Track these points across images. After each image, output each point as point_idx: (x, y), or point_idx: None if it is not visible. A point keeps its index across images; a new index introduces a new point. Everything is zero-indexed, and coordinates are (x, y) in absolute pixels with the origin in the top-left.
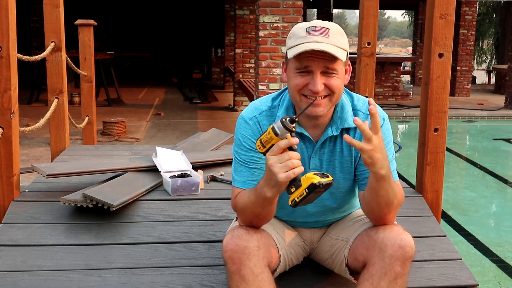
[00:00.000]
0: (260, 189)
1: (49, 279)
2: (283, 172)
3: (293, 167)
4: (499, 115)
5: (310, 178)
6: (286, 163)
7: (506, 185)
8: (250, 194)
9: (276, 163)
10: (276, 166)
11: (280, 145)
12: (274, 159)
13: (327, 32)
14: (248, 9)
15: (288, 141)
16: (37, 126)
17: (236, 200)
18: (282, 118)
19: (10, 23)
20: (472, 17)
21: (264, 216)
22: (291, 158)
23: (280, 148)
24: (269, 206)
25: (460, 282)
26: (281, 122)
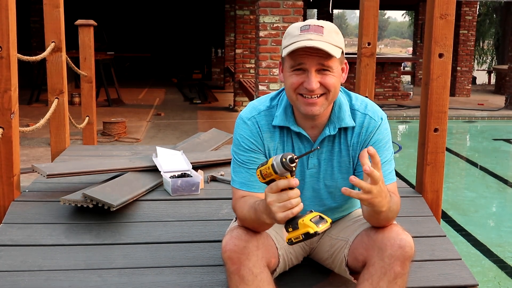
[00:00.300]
0: (260, 214)
1: (49, 279)
2: (281, 212)
3: (291, 208)
4: (499, 115)
5: (307, 225)
6: (284, 204)
7: (506, 186)
8: (250, 210)
9: (275, 202)
10: (274, 205)
11: (279, 185)
12: (273, 197)
13: (321, 30)
14: (248, 9)
15: (287, 182)
16: (37, 126)
17: (236, 205)
18: (282, 158)
19: (10, 23)
20: (473, 17)
21: (260, 230)
22: (290, 198)
23: (279, 188)
24: (266, 228)
25: (460, 282)
26: (281, 162)
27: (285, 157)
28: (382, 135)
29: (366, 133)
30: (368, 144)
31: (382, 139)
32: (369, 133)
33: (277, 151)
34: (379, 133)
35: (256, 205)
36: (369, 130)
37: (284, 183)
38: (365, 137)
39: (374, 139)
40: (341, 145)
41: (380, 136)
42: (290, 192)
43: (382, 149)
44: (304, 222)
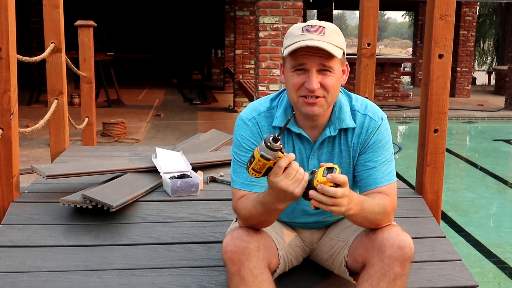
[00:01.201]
0: (270, 204)
1: (49, 280)
2: (296, 187)
3: (302, 177)
4: (499, 116)
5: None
6: (295, 178)
7: (506, 186)
8: (256, 205)
9: (288, 182)
10: (288, 185)
11: (282, 166)
12: (283, 179)
13: (323, 30)
14: (248, 10)
15: (288, 159)
16: (36, 127)
17: (237, 206)
18: (266, 143)
19: (10, 24)
20: (473, 18)
21: (270, 222)
22: (296, 170)
23: (282, 168)
24: (279, 213)
25: (460, 283)
26: (267, 147)
27: (268, 141)
28: (382, 136)
29: (366, 134)
30: (368, 144)
31: (382, 139)
32: (369, 133)
33: None
34: (379, 133)
35: (261, 197)
36: (369, 130)
37: (285, 161)
38: (365, 137)
39: (374, 139)
40: (342, 145)
41: (380, 137)
42: (293, 166)
43: (382, 149)
44: (320, 181)
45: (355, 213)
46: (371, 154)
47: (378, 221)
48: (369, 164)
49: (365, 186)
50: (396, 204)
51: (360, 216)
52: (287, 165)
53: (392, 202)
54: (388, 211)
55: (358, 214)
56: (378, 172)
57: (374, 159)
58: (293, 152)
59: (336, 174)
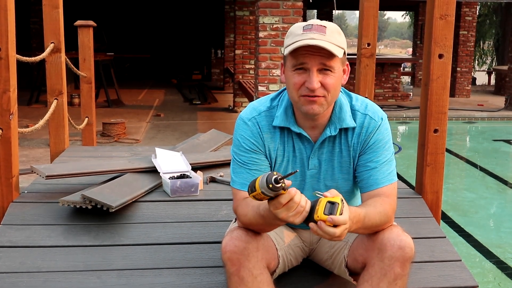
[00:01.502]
0: (271, 220)
1: (48, 281)
2: (297, 218)
3: (303, 210)
4: (499, 116)
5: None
6: (296, 211)
7: (506, 186)
8: (256, 216)
9: (288, 214)
10: (289, 217)
11: (282, 202)
12: (284, 212)
13: (324, 30)
14: (248, 10)
15: (288, 196)
16: (36, 127)
17: (238, 210)
18: (268, 183)
19: (9, 24)
20: (473, 18)
21: (268, 231)
22: (298, 204)
23: (283, 204)
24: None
25: (460, 283)
26: (268, 187)
27: (270, 182)
28: (382, 135)
29: (366, 133)
30: (368, 144)
31: (382, 139)
32: (369, 133)
33: (278, 152)
34: (379, 133)
35: (262, 211)
36: (369, 130)
37: (285, 199)
38: (365, 137)
39: (374, 139)
40: (342, 145)
41: (380, 136)
42: (295, 199)
43: (382, 149)
44: (320, 218)
45: (356, 230)
46: (372, 155)
47: (380, 228)
48: (370, 165)
49: (366, 187)
50: (395, 205)
51: (361, 229)
52: (288, 201)
53: (392, 204)
54: (389, 215)
55: (358, 229)
56: (379, 172)
57: (375, 159)
58: (293, 152)
59: (336, 216)
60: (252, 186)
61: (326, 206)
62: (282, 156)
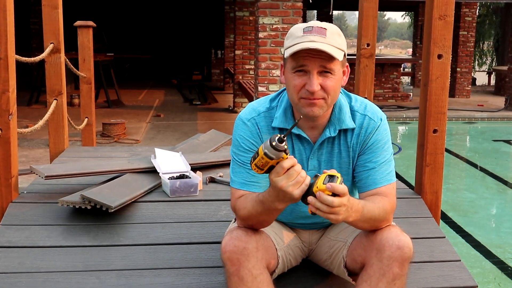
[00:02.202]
0: (270, 203)
1: (47, 281)
2: (296, 189)
3: (303, 180)
4: (499, 116)
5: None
6: (296, 180)
7: (506, 187)
8: (255, 204)
9: (288, 183)
10: (288, 186)
11: (285, 166)
12: (283, 179)
13: (324, 32)
14: (248, 10)
15: (291, 161)
16: (35, 127)
17: (236, 205)
18: (271, 142)
19: (9, 24)
20: (472, 18)
21: (268, 222)
22: (298, 173)
23: (285, 169)
24: (278, 213)
25: (459, 283)
26: (272, 147)
27: (273, 140)
28: (381, 136)
29: (365, 134)
30: (367, 145)
31: (381, 139)
32: (368, 133)
33: None
34: (378, 133)
35: (261, 197)
36: (368, 130)
37: (288, 163)
38: (364, 137)
39: (373, 140)
40: (341, 146)
41: (379, 137)
42: (296, 168)
43: (381, 149)
44: (319, 188)
45: (355, 220)
46: (371, 155)
47: (378, 224)
48: (369, 165)
49: (365, 187)
50: (395, 205)
51: (360, 221)
52: (289, 166)
53: (391, 203)
54: (388, 213)
55: (357, 220)
56: (378, 172)
57: (374, 159)
58: (292, 153)
59: (336, 183)
60: (254, 154)
61: (325, 178)
62: None
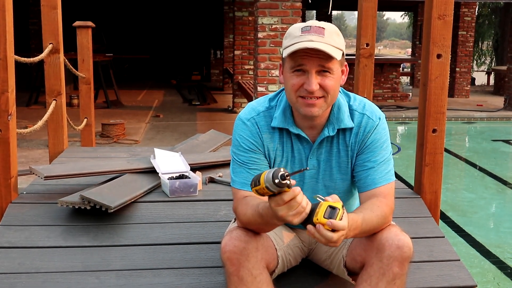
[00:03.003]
0: (269, 219)
1: (47, 281)
2: (296, 218)
3: (303, 211)
4: (498, 116)
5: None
6: (297, 210)
7: (505, 187)
8: (255, 215)
9: (288, 213)
10: (288, 216)
11: (285, 199)
12: (284, 210)
13: (322, 31)
14: (247, 10)
15: (292, 194)
16: (34, 128)
17: (238, 210)
18: (274, 178)
19: (7, 24)
20: (471, 18)
21: (267, 231)
22: (299, 204)
23: (285, 201)
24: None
25: (459, 283)
26: (274, 183)
27: (276, 177)
28: (380, 135)
29: (364, 133)
30: (366, 144)
31: (379, 138)
32: (366, 132)
33: (277, 152)
34: (377, 133)
35: (261, 209)
36: (366, 129)
37: (289, 196)
38: (362, 136)
39: (372, 139)
40: (340, 145)
41: (378, 136)
42: (297, 199)
43: (379, 149)
44: (319, 221)
45: (354, 235)
46: (369, 154)
47: (377, 230)
48: (367, 164)
49: (364, 187)
50: (393, 205)
51: (359, 234)
52: (290, 199)
53: (390, 205)
54: (387, 217)
55: (357, 235)
56: (376, 172)
57: (372, 159)
58: (291, 153)
59: (336, 220)
60: (256, 180)
61: (326, 210)
62: (281, 156)
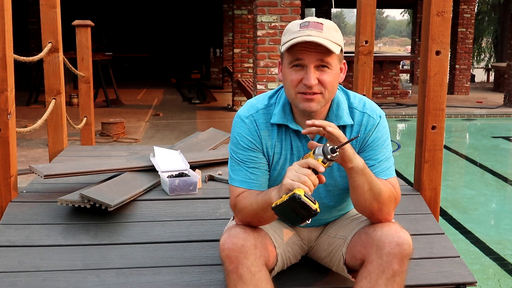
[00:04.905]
0: (269, 192)
1: (47, 280)
2: (292, 180)
3: (303, 182)
4: (498, 113)
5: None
6: (300, 175)
7: (505, 183)
8: (258, 196)
9: (293, 169)
10: (291, 171)
11: (309, 162)
12: (296, 166)
13: (321, 27)
14: (246, 8)
15: (316, 163)
16: (34, 127)
17: (237, 200)
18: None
19: (6, 23)
20: (471, 15)
21: (265, 220)
22: (308, 176)
23: (306, 163)
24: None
25: (458, 279)
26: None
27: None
28: (381, 133)
29: (365, 131)
30: (367, 143)
31: (380, 137)
32: (367, 131)
33: (275, 149)
34: (378, 131)
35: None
36: (367, 128)
37: (313, 162)
38: (364, 135)
39: (373, 138)
40: None
41: (379, 134)
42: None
43: (380, 147)
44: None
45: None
46: (371, 152)
47: (382, 200)
48: (368, 162)
49: None
50: (399, 197)
51: (365, 181)
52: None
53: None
54: (392, 197)
55: (362, 174)
56: (378, 169)
57: (374, 157)
58: (290, 149)
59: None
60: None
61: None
62: (279, 153)
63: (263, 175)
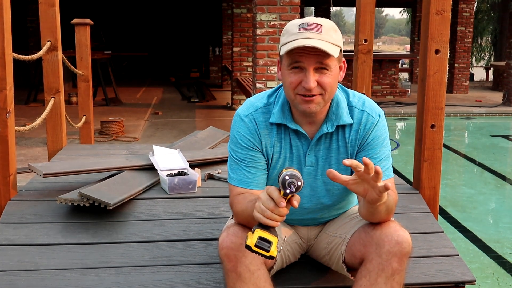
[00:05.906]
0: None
1: (46, 279)
2: (258, 212)
3: (268, 218)
4: (497, 111)
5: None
6: (264, 209)
7: (504, 182)
8: (248, 204)
9: (260, 199)
10: (259, 201)
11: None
12: (263, 196)
13: (320, 28)
14: (245, 7)
15: (277, 198)
16: (33, 125)
17: (233, 202)
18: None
19: (5, 22)
20: (470, 14)
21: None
22: (272, 211)
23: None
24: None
25: (458, 278)
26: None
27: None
28: (380, 132)
29: (364, 130)
30: (367, 141)
31: (380, 135)
32: (367, 129)
33: (275, 149)
34: (377, 129)
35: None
36: (367, 127)
37: (275, 194)
38: (363, 133)
39: (372, 136)
40: (339, 142)
41: (378, 133)
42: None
43: (380, 146)
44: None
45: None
46: (370, 151)
47: (387, 216)
48: None
49: None
50: (397, 198)
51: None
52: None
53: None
54: (396, 198)
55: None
56: None
57: (373, 156)
58: (290, 149)
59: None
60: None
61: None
62: (278, 153)
63: (261, 175)
